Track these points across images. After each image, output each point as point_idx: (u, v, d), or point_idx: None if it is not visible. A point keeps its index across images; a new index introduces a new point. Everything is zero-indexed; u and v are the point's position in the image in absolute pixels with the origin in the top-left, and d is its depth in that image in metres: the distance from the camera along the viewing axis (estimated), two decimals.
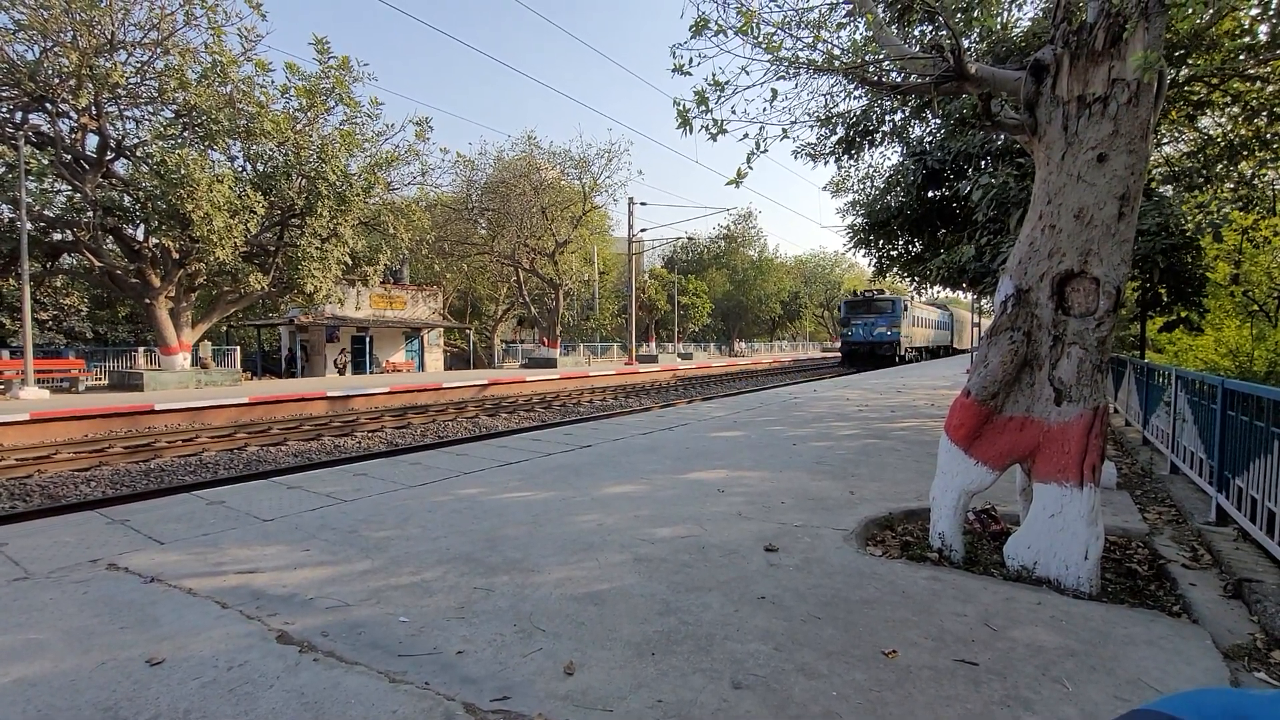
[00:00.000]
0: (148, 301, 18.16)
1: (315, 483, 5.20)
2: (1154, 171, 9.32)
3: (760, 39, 3.74)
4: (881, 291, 32.48)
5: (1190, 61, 6.70)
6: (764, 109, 6.77)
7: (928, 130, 10.25)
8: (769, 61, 3.87)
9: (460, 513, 4.28)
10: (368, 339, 27.89)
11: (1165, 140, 9.66)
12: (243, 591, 2.95)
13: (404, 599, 2.86)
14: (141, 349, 21.86)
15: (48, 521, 4.13)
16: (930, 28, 7.56)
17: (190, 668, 2.26)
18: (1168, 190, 9.39)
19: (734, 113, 3.85)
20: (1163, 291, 9.40)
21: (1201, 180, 8.69)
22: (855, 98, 8.68)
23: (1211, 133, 8.81)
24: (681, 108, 3.81)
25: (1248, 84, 7.28)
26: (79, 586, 3.00)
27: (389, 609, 2.76)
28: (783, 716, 2.00)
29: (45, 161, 15.86)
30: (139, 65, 16.81)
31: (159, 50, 16.63)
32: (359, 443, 11.19)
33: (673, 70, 3.87)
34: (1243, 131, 7.90)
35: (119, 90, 16.34)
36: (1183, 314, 9.21)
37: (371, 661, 2.31)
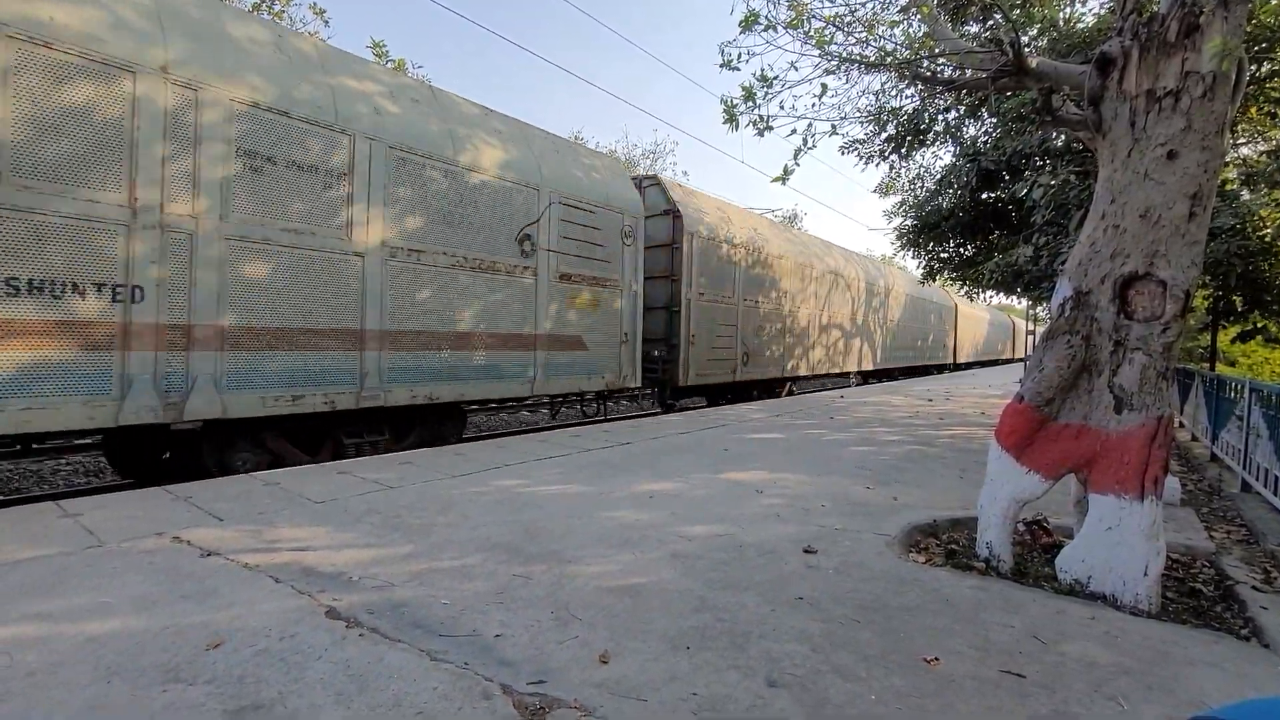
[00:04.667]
0: None
1: (362, 469, 5.38)
2: (1231, 172, 8.81)
3: (811, 33, 3.70)
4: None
5: (1274, 56, 6.31)
6: (813, 104, 6.71)
7: (982, 129, 9.94)
8: (819, 57, 3.83)
9: (501, 503, 4.36)
10: None
11: (1243, 141, 9.12)
12: (294, 568, 3.07)
13: (445, 582, 2.94)
14: None
15: (119, 495, 4.39)
16: (985, 25, 7.34)
17: (244, 636, 2.37)
18: (1245, 194, 8.86)
19: (782, 108, 3.81)
20: (1237, 300, 8.88)
21: None
22: (907, 97, 8.50)
23: None
24: (729, 104, 3.80)
25: None
26: (145, 556, 3.18)
27: (430, 591, 2.83)
28: (818, 717, 1.97)
29: None
30: None
31: None
32: None
33: (721, 66, 3.86)
34: None
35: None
36: (1260, 323, 8.68)
37: (413, 640, 2.38)
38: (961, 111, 9.23)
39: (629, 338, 9.45)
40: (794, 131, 3.96)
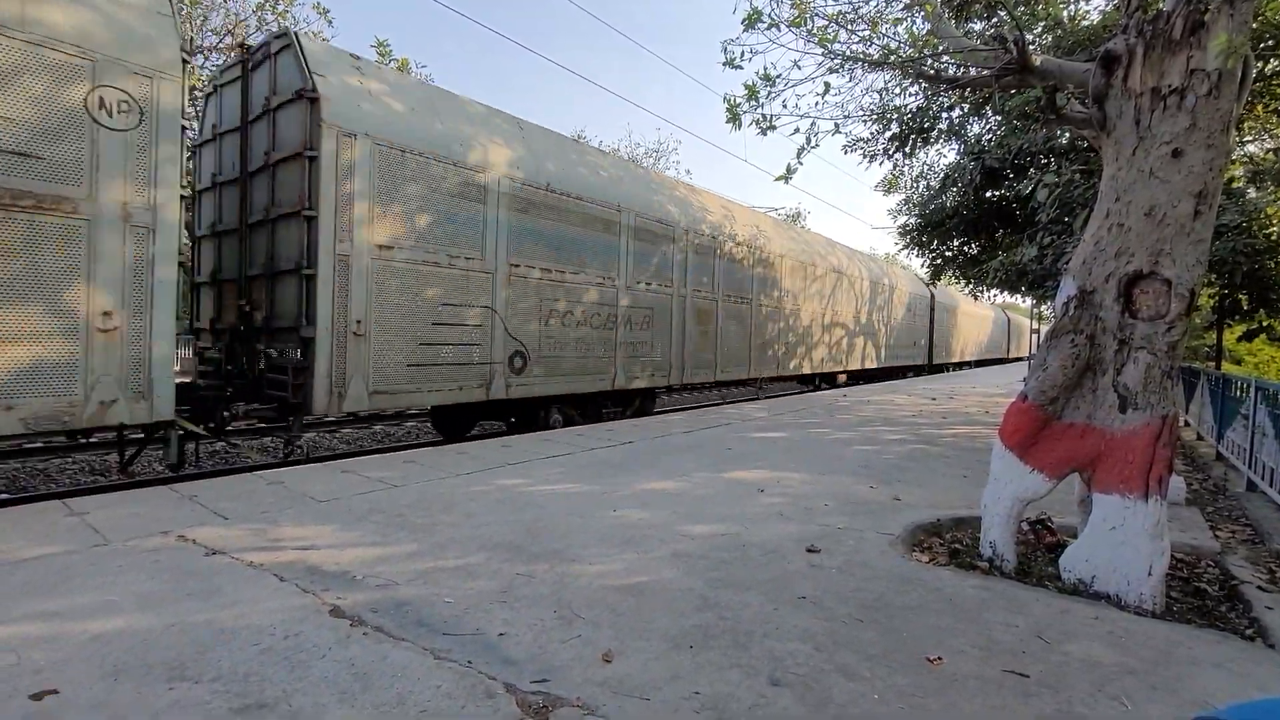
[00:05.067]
0: None
1: (366, 468, 5.39)
2: (1238, 170, 8.77)
3: (814, 31, 3.69)
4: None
5: (1279, 53, 6.28)
6: (816, 103, 6.72)
7: (986, 128, 9.91)
8: (822, 55, 3.82)
9: (504, 502, 4.37)
10: None
11: (1250, 139, 9.08)
12: (298, 567, 3.08)
13: (448, 581, 2.95)
14: None
15: (125, 495, 4.41)
16: (989, 23, 7.32)
17: (249, 635, 2.38)
18: (1252, 192, 8.82)
19: (785, 107, 3.81)
20: (1243, 298, 8.85)
21: None
22: (911, 94, 8.48)
23: None
24: (731, 103, 3.80)
25: None
26: (150, 555, 3.20)
27: (434, 590, 2.84)
28: (821, 716, 1.97)
29: None
30: (215, 69, 17.80)
31: (233, 54, 17.56)
32: (408, 431, 11.53)
33: (723, 64, 3.86)
34: None
35: (195, 92, 17.24)
36: (1266, 321, 8.65)
37: (417, 638, 2.39)
38: (965, 110, 9.20)
39: (114, 324, 4.73)
40: (797, 130, 3.97)
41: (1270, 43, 5.89)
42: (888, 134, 9.51)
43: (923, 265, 12.83)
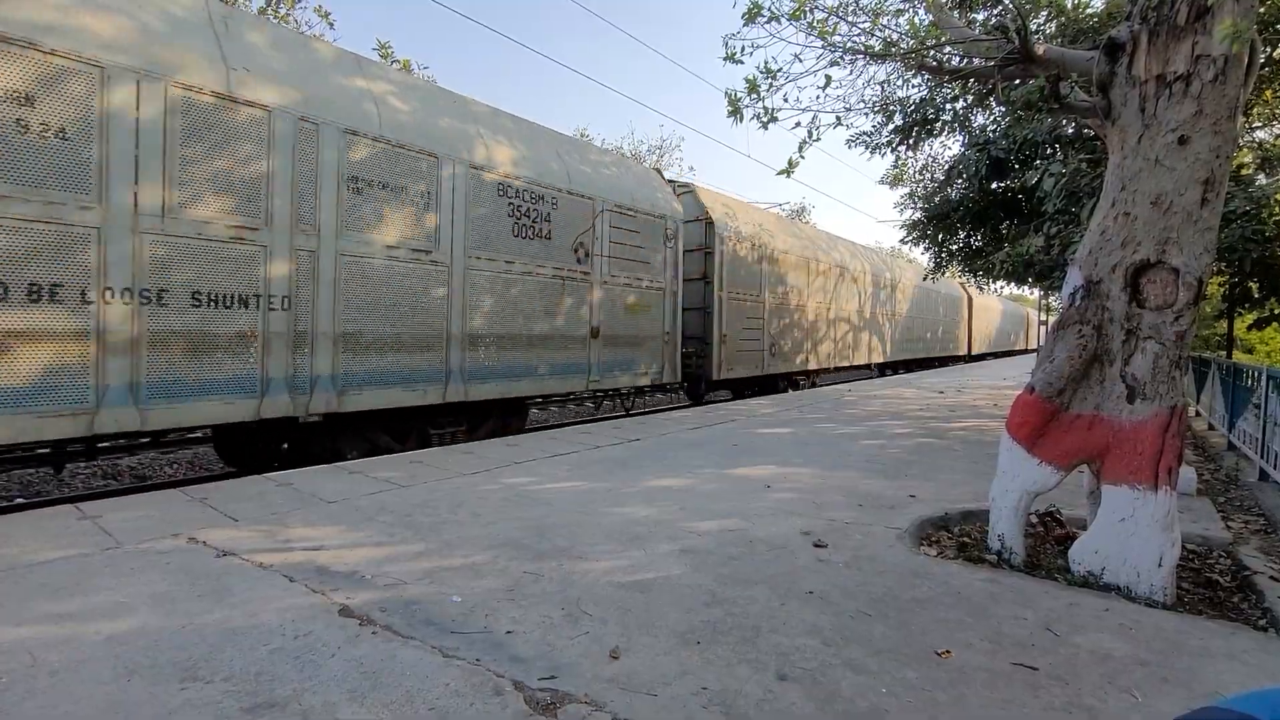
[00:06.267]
0: None
1: (374, 469, 5.42)
2: (1247, 156, 8.67)
3: (814, 24, 3.67)
4: None
5: None
6: (818, 96, 6.70)
7: (991, 118, 9.82)
8: (822, 47, 3.80)
9: (511, 500, 4.38)
10: None
11: (1259, 125, 8.97)
12: (307, 567, 3.10)
13: (456, 580, 2.96)
14: None
15: (136, 498, 4.45)
16: (994, 11, 7.26)
17: (259, 635, 2.40)
18: (1261, 178, 8.71)
19: (786, 100, 3.82)
20: (1253, 286, 8.76)
21: None
22: (914, 86, 8.42)
23: None
24: (732, 96, 3.79)
25: None
26: (162, 557, 3.23)
27: (442, 588, 2.85)
28: (829, 710, 1.97)
29: None
30: None
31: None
32: None
33: (724, 59, 3.85)
34: None
35: None
36: (1277, 309, 8.55)
37: (425, 637, 2.40)
38: (969, 101, 9.12)
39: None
40: (798, 124, 3.95)
41: (1277, 27, 5.82)
42: (890, 126, 9.44)
43: (928, 259, 12.73)
